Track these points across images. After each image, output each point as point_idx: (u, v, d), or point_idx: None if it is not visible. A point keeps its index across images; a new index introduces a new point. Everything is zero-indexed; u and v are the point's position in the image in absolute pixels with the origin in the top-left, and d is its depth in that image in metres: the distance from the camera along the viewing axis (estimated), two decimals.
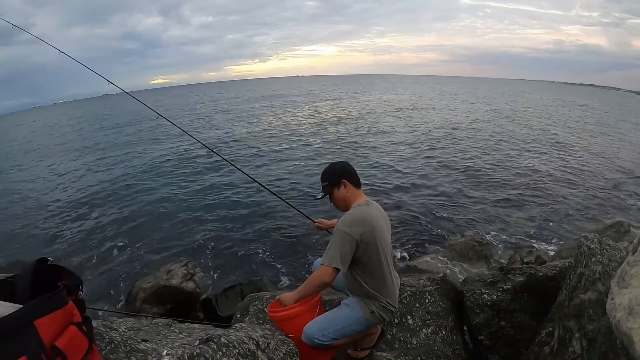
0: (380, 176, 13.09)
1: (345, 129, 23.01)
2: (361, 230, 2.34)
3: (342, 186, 2.55)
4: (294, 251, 7.87)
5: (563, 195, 11.24)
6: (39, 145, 28.29)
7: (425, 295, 3.42)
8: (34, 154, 24.29)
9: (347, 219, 2.39)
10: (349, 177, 2.57)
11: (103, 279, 7.34)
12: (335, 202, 2.63)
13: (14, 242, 9.84)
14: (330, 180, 2.59)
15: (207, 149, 4.43)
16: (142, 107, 4.39)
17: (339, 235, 2.33)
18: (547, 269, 3.31)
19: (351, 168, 2.65)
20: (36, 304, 1.13)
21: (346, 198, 2.57)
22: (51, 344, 1.11)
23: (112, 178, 15.18)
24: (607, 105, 57.65)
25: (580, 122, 30.05)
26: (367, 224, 2.38)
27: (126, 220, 10.35)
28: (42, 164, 20.44)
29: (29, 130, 47.11)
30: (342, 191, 2.56)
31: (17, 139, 36.65)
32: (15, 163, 21.60)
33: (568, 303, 2.44)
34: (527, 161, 15.42)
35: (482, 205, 10.28)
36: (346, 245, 2.31)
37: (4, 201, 14.14)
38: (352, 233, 2.31)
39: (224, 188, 12.39)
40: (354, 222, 2.37)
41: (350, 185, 2.56)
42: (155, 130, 27.72)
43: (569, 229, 8.92)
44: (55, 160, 20.79)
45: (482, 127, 24.42)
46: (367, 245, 2.36)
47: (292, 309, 2.51)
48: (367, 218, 2.41)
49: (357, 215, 2.41)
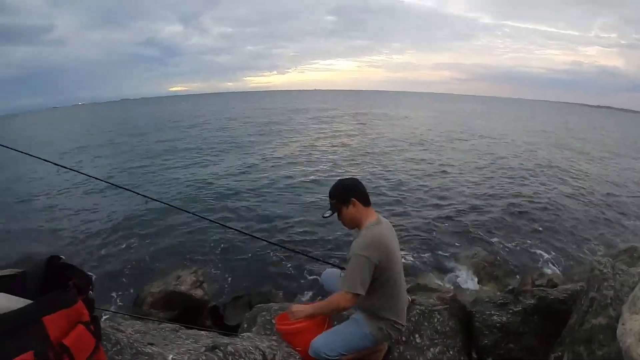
0: (392, 190, 13.07)
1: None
2: (378, 252, 2.32)
3: (350, 205, 2.50)
4: (303, 263, 7.84)
5: (577, 218, 11.07)
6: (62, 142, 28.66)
7: (434, 314, 3.39)
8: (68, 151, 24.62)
9: (363, 242, 2.36)
10: (358, 195, 2.51)
11: (112, 280, 7.40)
12: (344, 220, 2.58)
13: (25, 238, 10.05)
14: (339, 198, 2.53)
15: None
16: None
17: (358, 260, 2.30)
18: (559, 292, 3.26)
19: (360, 185, 2.60)
20: (46, 300, 1.15)
21: (355, 217, 2.52)
22: (59, 341, 1.13)
23: (131, 180, 15.59)
24: (624, 128, 56.92)
25: (598, 145, 29.54)
26: (383, 246, 2.36)
27: (138, 223, 10.50)
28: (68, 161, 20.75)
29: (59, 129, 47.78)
30: (350, 210, 2.50)
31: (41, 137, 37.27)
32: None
33: (578, 327, 2.40)
34: (542, 183, 15.23)
35: (495, 226, 10.14)
36: (366, 270, 2.29)
37: (20, 198, 14.52)
38: (370, 257, 2.29)
39: (238, 198, 12.46)
40: (371, 245, 2.33)
41: (360, 204, 2.50)
42: (168, 137, 28.12)
43: (582, 252, 8.77)
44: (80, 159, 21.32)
45: (495, 149, 24.24)
46: (384, 267, 2.34)
47: (300, 323, 2.50)
48: (382, 240, 2.38)
49: (373, 238, 2.37)
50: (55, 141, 32.08)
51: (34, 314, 1.09)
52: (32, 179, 17.19)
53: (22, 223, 11.42)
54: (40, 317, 1.11)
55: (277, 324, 2.62)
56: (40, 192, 14.97)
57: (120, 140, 29.42)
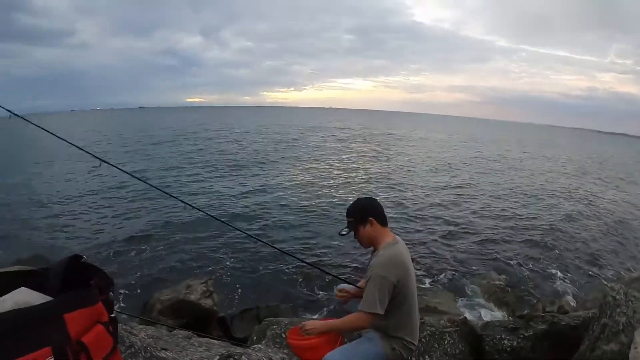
0: (407, 209, 13.03)
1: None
2: (397, 272, 2.33)
3: (368, 224, 2.49)
4: (313, 278, 7.81)
5: (591, 246, 10.87)
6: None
7: (445, 336, 3.37)
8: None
9: (383, 262, 2.37)
10: (375, 215, 2.52)
11: (123, 284, 7.46)
12: (360, 239, 2.58)
13: (46, 238, 10.30)
14: (357, 216, 2.53)
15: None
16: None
17: (377, 280, 2.31)
18: (570, 318, 3.23)
19: (378, 205, 2.61)
20: (68, 298, 1.18)
21: (372, 236, 2.52)
22: (77, 339, 1.16)
23: (150, 187, 15.60)
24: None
25: (614, 171, 29.10)
26: (401, 266, 2.38)
27: (154, 230, 10.69)
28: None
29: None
30: (367, 229, 2.50)
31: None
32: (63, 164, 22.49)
33: (590, 354, 2.38)
34: (557, 209, 15.03)
35: (509, 250, 10.03)
36: (384, 290, 2.30)
37: (42, 200, 14.87)
38: (389, 277, 2.30)
39: (254, 212, 12.54)
40: (391, 265, 2.35)
41: (377, 223, 2.51)
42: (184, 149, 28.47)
43: (595, 280, 8.61)
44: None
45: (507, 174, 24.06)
46: (402, 287, 2.35)
47: (314, 339, 2.47)
48: (401, 259, 2.40)
49: (392, 257, 2.39)
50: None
51: (55, 311, 1.12)
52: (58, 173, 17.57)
53: (43, 221, 11.84)
54: (61, 314, 1.14)
55: (289, 338, 2.58)
56: (69, 190, 15.67)
57: (138, 148, 29.79)
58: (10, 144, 37.97)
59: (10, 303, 1.12)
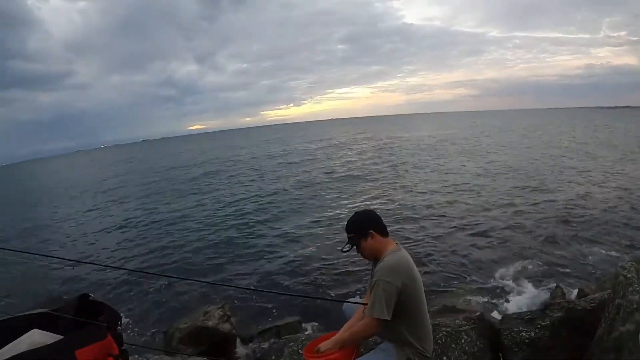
0: (414, 210, 12.93)
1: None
2: (401, 277, 2.35)
3: (369, 237, 2.53)
4: (331, 294, 7.77)
5: (610, 224, 10.56)
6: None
7: (462, 335, 3.36)
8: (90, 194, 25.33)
9: (386, 268, 2.39)
10: (376, 227, 2.55)
11: (140, 315, 7.49)
12: (363, 253, 2.61)
13: (57, 274, 10.37)
14: (357, 231, 2.56)
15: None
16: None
17: (382, 286, 2.32)
18: (586, 302, 3.22)
19: (377, 217, 2.65)
20: (77, 335, 1.23)
21: (374, 248, 2.55)
22: None
23: (160, 217, 16.07)
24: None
25: (621, 146, 28.63)
26: (405, 270, 2.39)
27: (166, 258, 10.80)
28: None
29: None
30: (369, 242, 2.53)
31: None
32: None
33: (607, 337, 2.36)
34: (568, 190, 14.81)
35: (521, 238, 9.84)
36: (390, 295, 2.31)
37: (53, 233, 15.16)
38: (394, 281, 2.32)
39: (262, 235, 12.48)
40: (394, 270, 2.37)
41: (378, 235, 2.54)
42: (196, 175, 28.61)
43: (614, 258, 8.40)
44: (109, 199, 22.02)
45: (518, 160, 23.90)
46: (408, 292, 2.36)
47: (329, 355, 2.46)
48: (405, 264, 2.42)
49: (395, 263, 2.41)
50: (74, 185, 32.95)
51: (67, 347, 1.18)
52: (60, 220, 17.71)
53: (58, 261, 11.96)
54: (73, 350, 1.19)
55: (305, 356, 2.59)
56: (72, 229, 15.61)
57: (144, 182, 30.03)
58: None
59: (25, 344, 1.17)
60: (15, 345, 1.12)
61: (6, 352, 1.09)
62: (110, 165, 60.56)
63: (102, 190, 27.61)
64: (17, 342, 1.15)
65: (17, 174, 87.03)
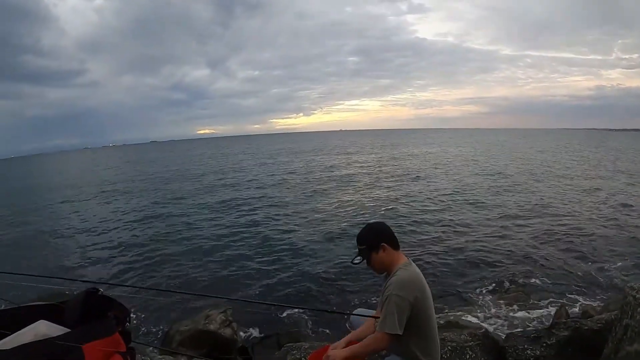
0: (424, 225, 12.89)
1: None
2: (414, 292, 2.32)
3: (381, 250, 2.48)
4: (334, 304, 7.74)
5: (616, 246, 10.48)
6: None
7: (466, 350, 3.33)
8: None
9: (398, 282, 2.35)
10: (388, 240, 2.51)
11: (141, 314, 7.47)
12: (373, 266, 2.56)
13: (65, 268, 10.60)
14: (369, 244, 2.52)
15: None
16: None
17: (394, 301, 2.29)
18: (593, 322, 3.18)
19: (389, 229, 2.60)
20: (85, 329, 1.23)
21: (385, 262, 2.51)
22: None
23: (166, 219, 16.32)
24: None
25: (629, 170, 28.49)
26: (418, 286, 2.36)
27: (170, 261, 10.79)
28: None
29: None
30: (381, 255, 2.49)
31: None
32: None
33: (614, 356, 2.33)
34: (577, 210, 14.77)
35: (527, 256, 9.76)
36: (402, 310, 2.28)
37: (62, 230, 15.44)
38: (406, 296, 2.29)
39: (269, 238, 12.56)
40: (407, 285, 2.33)
41: (390, 248, 2.50)
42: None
43: (619, 281, 8.33)
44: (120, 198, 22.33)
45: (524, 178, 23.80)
46: (419, 307, 2.34)
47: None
48: (417, 280, 2.39)
49: (407, 277, 2.37)
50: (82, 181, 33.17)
51: (74, 341, 1.17)
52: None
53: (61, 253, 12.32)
54: (80, 344, 1.18)
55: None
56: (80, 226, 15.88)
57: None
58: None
59: (30, 335, 1.17)
60: (19, 335, 1.12)
61: (10, 342, 1.09)
62: (114, 167, 60.66)
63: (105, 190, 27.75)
64: (22, 332, 1.15)
65: (31, 166, 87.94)
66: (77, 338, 1.17)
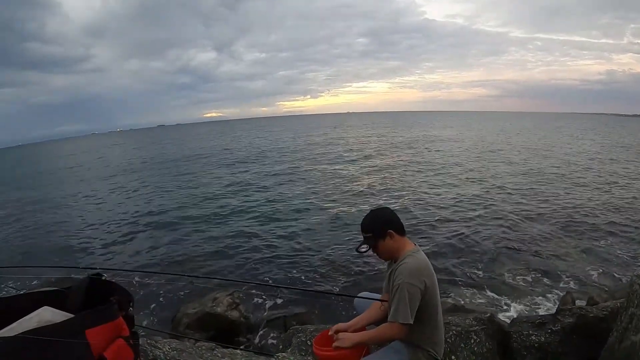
0: (427, 209, 12.88)
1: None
2: (424, 279, 2.28)
3: (387, 237, 2.42)
4: (341, 287, 7.79)
5: (627, 234, 10.41)
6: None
7: (471, 335, 3.33)
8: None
9: (408, 270, 2.30)
10: (394, 227, 2.44)
11: (149, 298, 7.54)
12: (380, 253, 2.50)
13: (69, 254, 10.79)
14: (375, 231, 2.44)
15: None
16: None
17: (406, 289, 2.24)
18: (598, 310, 3.16)
19: (395, 216, 2.53)
20: (88, 314, 1.23)
21: (392, 249, 2.45)
22: (99, 354, 1.21)
23: (175, 203, 16.46)
24: None
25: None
26: (427, 273, 2.32)
27: (179, 245, 10.88)
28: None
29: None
30: (387, 242, 2.43)
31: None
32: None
33: (618, 345, 2.32)
34: (585, 196, 14.62)
35: (535, 241, 9.77)
36: (414, 298, 2.25)
37: (69, 214, 15.73)
38: (417, 284, 2.25)
39: (275, 222, 12.60)
40: (418, 272, 2.29)
41: (396, 234, 2.44)
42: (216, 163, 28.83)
43: (627, 269, 8.30)
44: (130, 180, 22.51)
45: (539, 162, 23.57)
46: (429, 294, 2.31)
47: (341, 350, 2.37)
48: (426, 266, 2.35)
49: (417, 265, 2.33)
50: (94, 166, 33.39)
51: (77, 327, 1.18)
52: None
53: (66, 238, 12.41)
54: (83, 330, 1.19)
55: (315, 348, 2.50)
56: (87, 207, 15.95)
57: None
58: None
59: (34, 321, 1.18)
60: (24, 322, 1.13)
61: (15, 329, 1.10)
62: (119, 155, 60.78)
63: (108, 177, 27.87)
64: (26, 318, 1.16)
65: (42, 152, 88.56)
66: (80, 323, 1.18)
